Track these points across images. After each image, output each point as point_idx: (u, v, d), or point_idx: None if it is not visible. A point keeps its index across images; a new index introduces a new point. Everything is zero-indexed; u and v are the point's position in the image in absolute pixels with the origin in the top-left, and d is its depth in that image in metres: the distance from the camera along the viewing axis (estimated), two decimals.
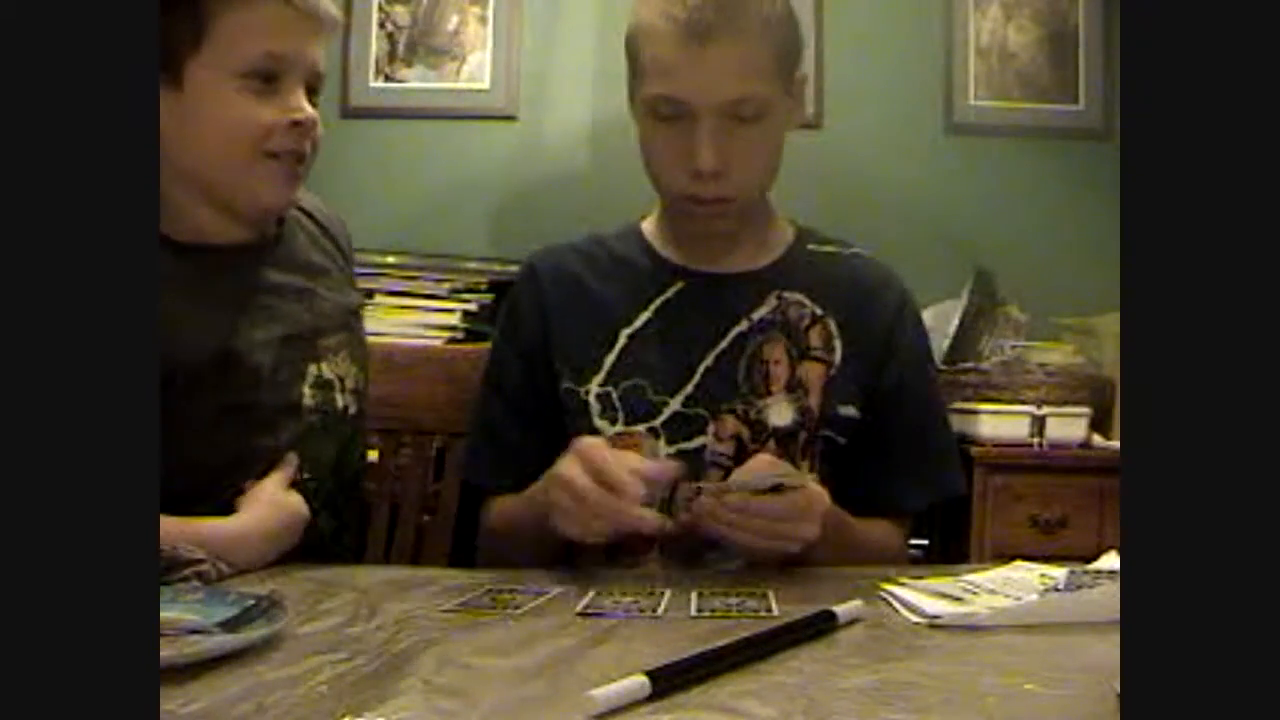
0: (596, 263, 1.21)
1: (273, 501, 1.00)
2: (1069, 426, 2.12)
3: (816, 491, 0.98)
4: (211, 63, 0.99)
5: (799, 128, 1.18)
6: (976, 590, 0.86)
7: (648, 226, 1.24)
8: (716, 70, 1.05)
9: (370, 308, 2.29)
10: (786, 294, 1.17)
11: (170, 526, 0.88)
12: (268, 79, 1.01)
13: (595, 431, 1.12)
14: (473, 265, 2.39)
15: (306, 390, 1.09)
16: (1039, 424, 2.10)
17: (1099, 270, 2.33)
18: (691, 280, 1.18)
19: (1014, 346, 2.24)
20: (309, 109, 1.04)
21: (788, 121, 1.14)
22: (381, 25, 2.64)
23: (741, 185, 1.11)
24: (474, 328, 2.29)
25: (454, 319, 2.29)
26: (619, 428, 1.12)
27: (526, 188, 2.63)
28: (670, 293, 1.17)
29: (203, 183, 1.04)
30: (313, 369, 1.10)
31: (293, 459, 1.05)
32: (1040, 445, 2.10)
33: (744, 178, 1.10)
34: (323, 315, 1.13)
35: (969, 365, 2.20)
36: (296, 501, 1.01)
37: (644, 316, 1.16)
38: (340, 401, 1.13)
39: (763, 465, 0.99)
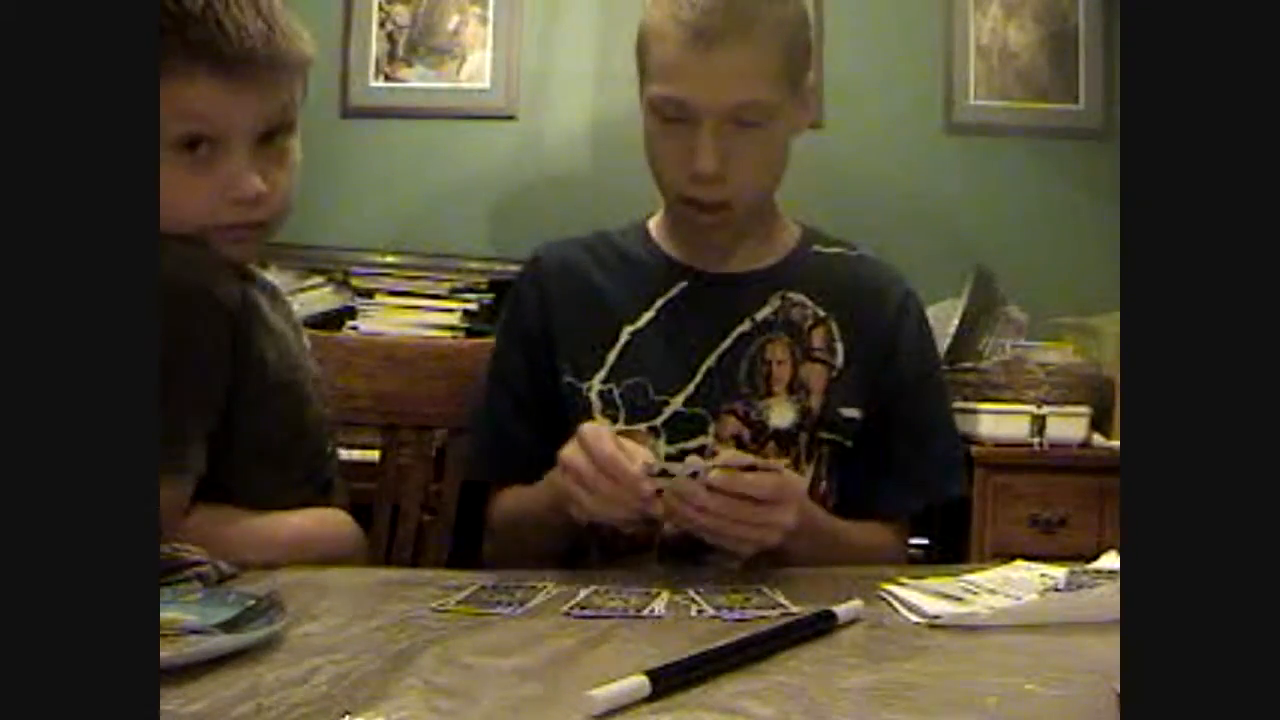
0: (602, 258, 1.21)
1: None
2: (1069, 426, 2.12)
3: (793, 476, 0.96)
4: None
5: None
6: (976, 590, 0.86)
7: (654, 225, 1.24)
8: (720, 74, 1.04)
9: (370, 307, 2.31)
10: (790, 295, 1.17)
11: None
12: (194, 148, 0.93)
13: None
14: (473, 265, 2.39)
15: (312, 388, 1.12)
16: (1039, 424, 2.10)
17: (1099, 270, 2.34)
18: (695, 279, 1.18)
19: (1014, 346, 2.24)
20: (251, 183, 0.95)
21: (795, 125, 1.14)
22: (381, 25, 2.64)
23: (742, 189, 1.10)
24: (474, 327, 2.29)
25: (454, 318, 2.30)
26: (620, 425, 1.12)
27: (526, 188, 2.63)
28: (674, 291, 1.17)
29: None
30: (312, 364, 1.14)
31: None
32: (1040, 445, 2.10)
33: (744, 182, 1.10)
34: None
35: (969, 365, 2.20)
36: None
37: (647, 315, 1.16)
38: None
39: (731, 457, 0.97)
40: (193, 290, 0.92)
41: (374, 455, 1.41)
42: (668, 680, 0.59)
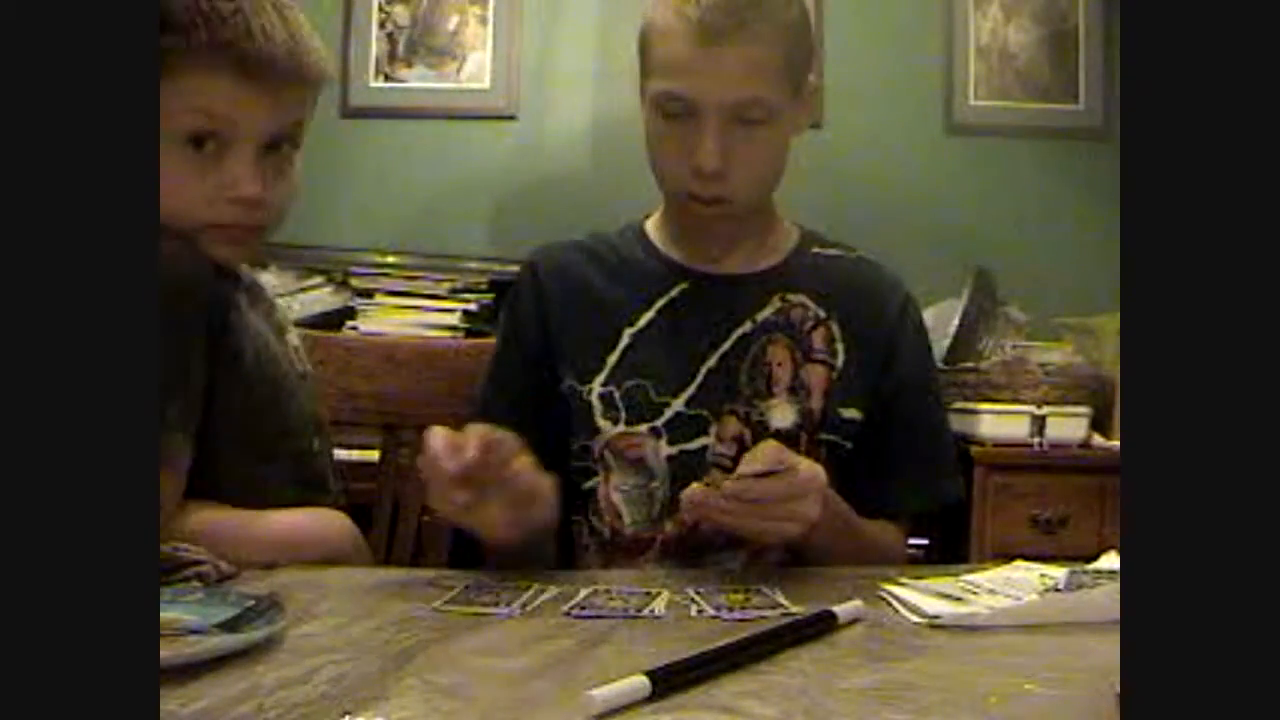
0: (600, 261, 1.21)
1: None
2: (1069, 426, 2.12)
3: (814, 470, 0.95)
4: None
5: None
6: (976, 590, 0.86)
7: (651, 226, 1.24)
8: (724, 71, 1.05)
9: (370, 308, 2.31)
10: (790, 296, 1.17)
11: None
12: (200, 145, 0.95)
13: (597, 430, 1.12)
14: (473, 265, 2.40)
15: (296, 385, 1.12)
16: (1039, 424, 2.10)
17: (1099, 270, 2.34)
18: (695, 280, 1.18)
19: (1014, 346, 2.24)
20: (253, 185, 0.96)
21: (795, 126, 1.14)
22: (381, 25, 2.64)
23: (742, 187, 1.10)
24: (474, 327, 2.29)
25: (454, 319, 2.30)
26: (621, 427, 1.12)
27: (526, 188, 2.63)
28: (674, 292, 1.17)
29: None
30: (298, 362, 1.14)
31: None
32: (1040, 445, 2.10)
33: (745, 180, 1.10)
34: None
35: (969, 365, 2.20)
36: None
37: (647, 316, 1.16)
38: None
39: (766, 454, 0.96)
40: (168, 283, 0.91)
41: (374, 455, 1.41)
42: (668, 680, 0.59)
